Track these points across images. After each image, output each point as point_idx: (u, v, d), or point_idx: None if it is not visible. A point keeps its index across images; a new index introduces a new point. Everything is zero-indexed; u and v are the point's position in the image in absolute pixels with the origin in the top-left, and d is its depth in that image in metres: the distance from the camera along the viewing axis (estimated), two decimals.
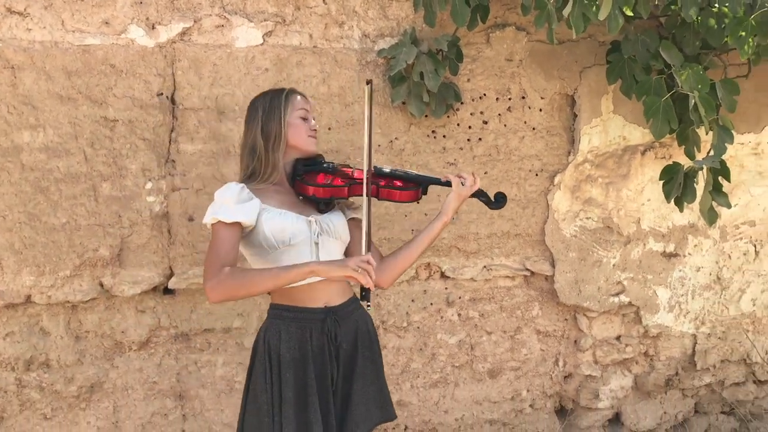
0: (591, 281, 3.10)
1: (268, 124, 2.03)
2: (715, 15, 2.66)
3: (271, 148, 2.03)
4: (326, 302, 2.02)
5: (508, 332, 3.08)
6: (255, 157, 2.04)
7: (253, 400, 2.00)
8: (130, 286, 2.60)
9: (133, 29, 2.51)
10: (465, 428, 3.09)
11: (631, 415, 3.31)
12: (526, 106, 2.95)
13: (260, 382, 1.98)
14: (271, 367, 1.97)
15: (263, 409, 1.96)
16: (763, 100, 3.15)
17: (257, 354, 2.02)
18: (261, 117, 2.04)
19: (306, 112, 2.10)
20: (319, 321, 2.00)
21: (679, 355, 3.32)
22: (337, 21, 2.71)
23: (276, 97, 2.07)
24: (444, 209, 2.14)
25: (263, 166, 2.03)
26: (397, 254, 2.17)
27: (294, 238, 1.98)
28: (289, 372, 1.95)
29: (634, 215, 3.13)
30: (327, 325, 1.99)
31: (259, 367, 2.00)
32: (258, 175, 2.04)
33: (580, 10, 2.36)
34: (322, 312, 2.01)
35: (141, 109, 2.54)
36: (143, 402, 2.70)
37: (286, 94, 2.08)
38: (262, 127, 2.03)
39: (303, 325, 1.98)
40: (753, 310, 3.39)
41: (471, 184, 2.14)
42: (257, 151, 2.03)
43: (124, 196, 2.56)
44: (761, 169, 3.28)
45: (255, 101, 2.09)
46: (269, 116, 2.04)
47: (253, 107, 2.08)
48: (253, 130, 2.05)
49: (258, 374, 2.00)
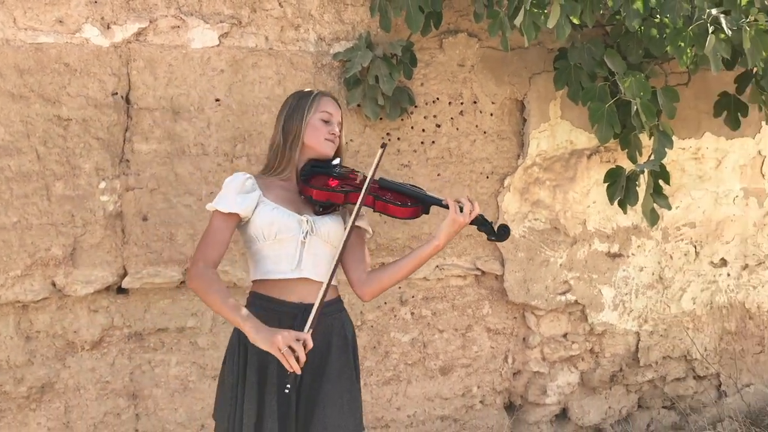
0: (539, 280, 3.20)
1: (290, 123, 2.11)
2: (656, 25, 2.78)
3: (289, 146, 2.10)
4: (301, 299, 2.02)
5: (459, 330, 3.15)
6: (274, 151, 2.13)
7: (221, 382, 2.10)
8: (83, 285, 2.58)
9: (88, 28, 2.50)
10: (417, 425, 3.16)
11: (577, 410, 3.42)
12: (478, 111, 3.03)
13: (228, 362, 2.07)
14: (239, 350, 2.03)
15: (226, 388, 2.05)
16: (702, 108, 3.29)
17: (232, 340, 2.08)
18: (285, 114, 2.14)
19: (329, 116, 2.14)
20: (291, 315, 2.00)
21: (623, 352, 3.44)
22: (293, 24, 2.75)
23: (305, 97, 2.15)
24: (437, 234, 2.04)
25: (278, 161, 2.12)
26: (384, 271, 2.14)
27: (280, 233, 2.01)
28: (255, 356, 1.99)
29: (580, 217, 3.23)
30: (298, 321, 1.97)
31: (230, 348, 2.07)
32: (271, 168, 2.13)
33: (530, 19, 2.45)
34: (296, 307, 2.01)
35: (95, 109, 2.53)
36: (95, 402, 2.69)
37: (314, 96, 2.15)
38: (284, 125, 2.12)
39: (275, 316, 1.99)
40: (693, 309, 3.53)
41: (469, 211, 2.00)
42: (279, 145, 2.12)
43: (78, 196, 2.55)
44: (701, 173, 3.42)
45: (287, 99, 2.19)
46: (292, 115, 2.12)
47: (283, 105, 2.17)
48: (277, 126, 2.14)
49: (227, 355, 2.08)
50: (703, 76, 3.15)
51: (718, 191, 3.46)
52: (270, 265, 2.04)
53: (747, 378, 3.68)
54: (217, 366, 2.79)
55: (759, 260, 3.59)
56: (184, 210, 2.68)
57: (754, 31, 2.54)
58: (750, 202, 3.52)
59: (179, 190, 2.67)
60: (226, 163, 2.71)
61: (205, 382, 2.80)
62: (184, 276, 2.70)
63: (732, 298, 3.58)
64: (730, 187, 3.48)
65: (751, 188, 3.52)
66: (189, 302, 2.74)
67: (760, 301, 3.64)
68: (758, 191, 3.54)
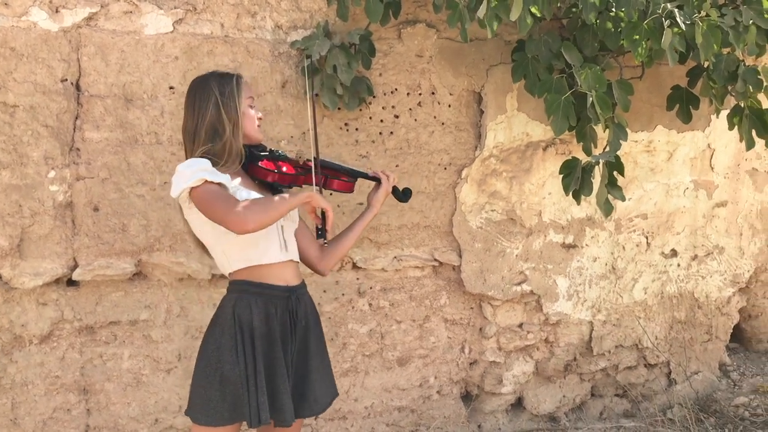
0: (495, 271, 3.22)
1: (228, 112, 2.03)
2: (612, 19, 2.81)
3: (233, 134, 2.03)
4: (287, 282, 2.09)
5: (417, 321, 3.16)
6: (219, 141, 2.02)
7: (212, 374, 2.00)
8: (31, 277, 2.51)
9: (35, 12, 2.42)
10: (374, 416, 3.16)
11: (533, 399, 3.46)
12: (436, 102, 3.03)
13: (228, 355, 1.99)
14: (243, 340, 1.99)
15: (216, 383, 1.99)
16: (655, 101, 3.35)
17: (225, 328, 2.01)
18: (219, 99, 2.03)
19: (252, 101, 2.12)
20: (284, 298, 2.07)
21: (577, 342, 3.49)
22: (250, 11, 2.70)
23: (227, 82, 2.06)
24: (373, 203, 2.32)
25: (228, 152, 2.03)
26: (337, 244, 2.30)
27: None
28: (260, 343, 2.00)
29: (536, 208, 3.27)
30: (291, 303, 2.08)
31: (227, 341, 2.00)
32: (222, 160, 2.02)
33: (493, 11, 2.46)
34: (285, 289, 2.08)
35: (44, 95, 2.46)
36: (44, 397, 2.62)
37: (237, 79, 2.08)
38: (224, 110, 2.02)
39: (269, 300, 2.04)
40: (645, 299, 3.60)
41: (393, 181, 2.36)
42: (223, 135, 2.02)
43: (25, 185, 2.47)
44: (653, 166, 3.48)
45: (205, 81, 2.07)
46: (227, 100, 2.04)
47: (204, 86, 2.05)
48: (209, 111, 2.02)
49: (225, 348, 2.00)
50: (655, 70, 3.20)
51: (669, 183, 3.53)
52: (257, 250, 2.05)
53: (695, 366, 3.78)
54: (170, 359, 2.75)
55: (708, 251, 3.68)
56: (137, 200, 2.62)
57: (706, 25, 2.59)
58: (699, 194, 3.61)
59: (132, 180, 2.61)
60: (181, 152, 2.64)
61: (159, 375, 2.75)
62: (136, 268, 2.64)
63: (682, 288, 3.67)
64: (680, 180, 3.55)
65: (701, 180, 3.60)
66: (142, 294, 2.69)
67: (708, 290, 3.74)
68: (707, 183, 3.62)
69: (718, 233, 3.70)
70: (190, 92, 2.08)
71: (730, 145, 3.62)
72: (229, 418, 2.01)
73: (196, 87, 2.08)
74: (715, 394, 3.79)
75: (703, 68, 3.06)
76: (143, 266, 2.68)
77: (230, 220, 1.87)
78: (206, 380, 2.01)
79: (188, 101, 2.07)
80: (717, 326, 3.81)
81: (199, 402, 2.02)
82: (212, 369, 2.01)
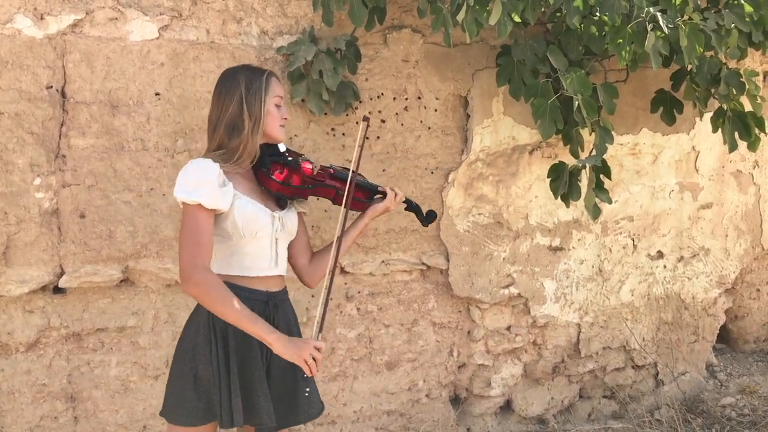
0: (483, 274, 3.24)
1: (251, 107, 1.99)
2: (596, 23, 2.83)
3: (251, 132, 2.00)
4: (268, 288, 2.09)
5: (405, 325, 3.16)
6: (237, 137, 1.99)
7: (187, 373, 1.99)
8: (17, 285, 2.50)
9: (20, 19, 2.41)
10: (363, 420, 3.16)
11: (521, 401, 3.48)
12: (422, 106, 3.04)
13: (203, 354, 1.98)
14: (217, 340, 1.98)
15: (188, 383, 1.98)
16: (639, 104, 3.38)
17: (200, 327, 2.00)
18: (244, 95, 1.99)
19: (281, 100, 2.09)
20: (263, 302, 2.05)
21: (565, 344, 3.51)
22: (235, 17, 2.70)
23: (257, 78, 2.03)
24: (368, 212, 2.29)
25: (242, 149, 2.00)
26: (323, 257, 2.27)
27: (260, 231, 2.01)
28: (235, 344, 1.98)
29: (523, 211, 3.28)
30: (269, 308, 2.06)
31: (202, 340, 1.99)
32: (235, 157, 2.00)
33: (472, 16, 2.47)
34: (264, 295, 2.07)
35: (29, 102, 2.45)
36: (31, 405, 2.61)
37: (267, 77, 2.05)
38: (246, 107, 1.99)
39: (246, 302, 1.97)
40: (631, 300, 3.62)
41: (399, 200, 2.32)
42: (242, 132, 1.99)
43: (11, 192, 2.46)
44: (638, 168, 3.51)
45: (234, 74, 2.03)
46: (252, 97, 2.00)
47: (232, 80, 2.02)
48: (233, 105, 1.99)
49: (200, 348, 1.99)
50: (640, 73, 3.22)
51: (655, 186, 3.56)
52: (248, 262, 2.04)
53: (683, 366, 3.81)
54: (158, 366, 2.74)
55: (693, 252, 3.71)
56: (124, 207, 2.62)
57: (689, 29, 2.62)
58: (685, 196, 3.64)
59: (118, 187, 2.61)
60: (167, 158, 2.65)
61: (147, 382, 2.74)
62: (123, 274, 2.63)
63: (668, 289, 3.69)
64: (666, 182, 3.58)
65: (686, 183, 3.63)
66: (129, 301, 2.68)
67: (694, 291, 3.77)
68: (692, 185, 3.65)
69: (704, 235, 3.73)
70: (219, 83, 2.05)
71: (714, 148, 3.65)
72: (204, 417, 2.00)
73: (224, 79, 2.04)
74: (702, 395, 3.82)
75: (686, 71, 3.09)
76: (130, 273, 2.67)
77: (184, 268, 1.88)
78: (181, 380, 2.01)
79: (216, 92, 2.04)
80: (704, 327, 3.84)
81: (174, 402, 2.02)
82: (187, 368, 2.00)
